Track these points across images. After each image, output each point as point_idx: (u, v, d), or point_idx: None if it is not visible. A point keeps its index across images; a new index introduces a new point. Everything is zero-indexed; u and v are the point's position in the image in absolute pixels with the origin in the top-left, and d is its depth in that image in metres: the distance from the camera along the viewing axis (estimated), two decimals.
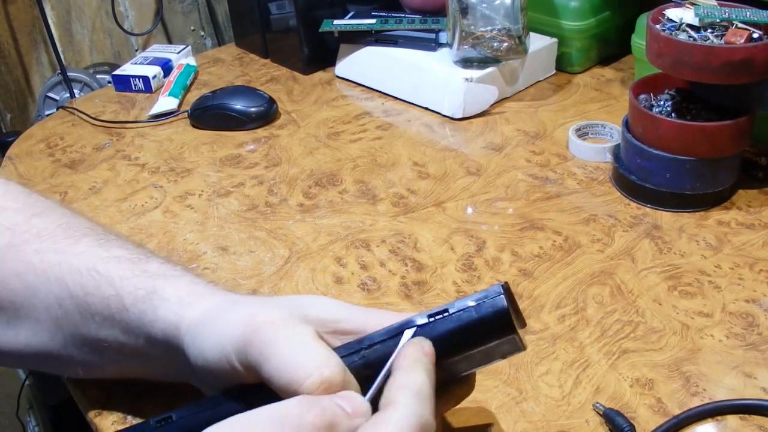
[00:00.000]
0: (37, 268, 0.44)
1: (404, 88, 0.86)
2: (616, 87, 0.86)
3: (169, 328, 0.40)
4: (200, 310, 0.40)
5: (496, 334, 0.38)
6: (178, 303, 0.41)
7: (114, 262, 0.44)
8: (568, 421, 0.46)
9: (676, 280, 0.57)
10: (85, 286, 0.43)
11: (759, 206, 0.65)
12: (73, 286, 0.43)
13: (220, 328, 0.38)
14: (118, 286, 0.42)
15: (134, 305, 0.42)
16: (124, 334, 0.42)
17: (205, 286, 0.43)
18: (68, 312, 0.43)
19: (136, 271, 0.43)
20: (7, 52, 1.07)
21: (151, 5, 1.18)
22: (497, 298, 0.37)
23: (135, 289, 0.42)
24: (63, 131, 0.85)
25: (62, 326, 0.43)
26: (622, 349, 0.51)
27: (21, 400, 1.24)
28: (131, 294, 0.42)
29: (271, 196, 0.70)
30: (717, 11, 0.62)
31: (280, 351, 0.35)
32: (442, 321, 0.38)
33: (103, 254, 0.44)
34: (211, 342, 0.38)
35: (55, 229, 0.46)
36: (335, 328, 0.39)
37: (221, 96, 0.84)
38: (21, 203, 0.48)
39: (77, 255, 0.44)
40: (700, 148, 0.62)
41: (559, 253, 0.60)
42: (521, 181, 0.70)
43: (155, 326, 0.41)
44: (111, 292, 0.42)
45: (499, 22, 0.80)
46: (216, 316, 0.39)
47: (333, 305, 0.40)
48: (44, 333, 0.44)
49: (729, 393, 0.47)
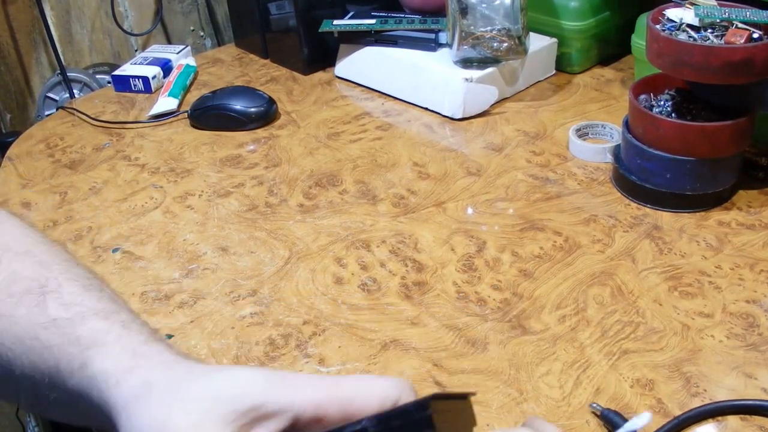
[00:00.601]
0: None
1: (404, 89, 0.86)
2: (616, 87, 0.86)
3: (104, 407, 0.39)
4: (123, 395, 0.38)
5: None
6: (105, 382, 0.39)
7: (52, 328, 0.42)
8: (569, 421, 0.46)
9: (677, 281, 0.57)
10: (30, 355, 0.42)
11: (759, 206, 0.65)
12: (21, 356, 0.42)
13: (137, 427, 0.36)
14: (56, 355, 0.41)
15: (72, 376, 0.40)
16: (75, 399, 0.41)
17: (133, 355, 0.41)
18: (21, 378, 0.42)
19: (71, 337, 0.41)
20: (6, 52, 1.07)
21: (150, 5, 1.18)
22: (422, 414, 0.32)
23: (71, 360, 0.41)
24: (63, 131, 0.85)
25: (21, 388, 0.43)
26: (623, 350, 0.51)
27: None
28: (69, 364, 0.41)
29: (271, 197, 0.70)
30: (717, 11, 0.62)
31: None
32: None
33: (42, 319, 0.43)
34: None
35: (1, 283, 0.44)
36: (257, 414, 0.36)
37: (221, 96, 0.84)
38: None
39: (17, 320, 0.43)
40: (701, 148, 0.62)
41: (559, 253, 0.60)
42: (521, 181, 0.70)
43: (93, 402, 0.40)
44: (52, 362, 0.41)
45: (499, 22, 0.80)
46: (136, 413, 0.37)
47: (252, 386, 0.37)
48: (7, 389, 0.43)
49: (729, 393, 0.47)
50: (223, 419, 0.35)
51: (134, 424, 0.37)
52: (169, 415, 0.36)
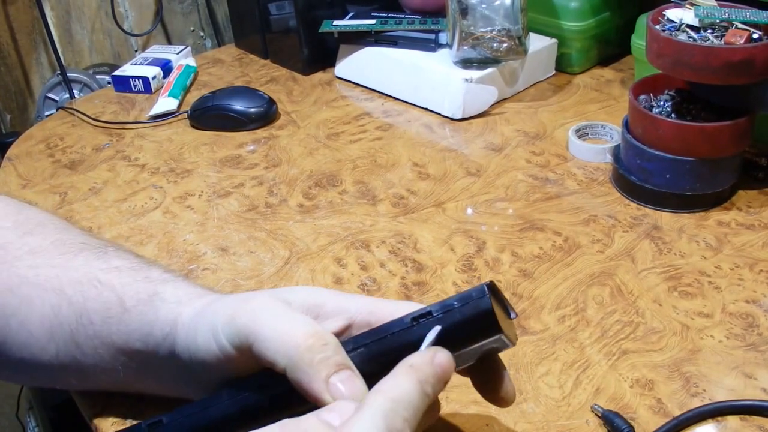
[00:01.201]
0: (32, 281, 0.44)
1: (404, 89, 0.86)
2: (615, 87, 0.86)
3: (168, 327, 0.41)
4: (194, 307, 0.41)
5: (481, 335, 0.37)
6: (176, 303, 0.42)
7: (115, 272, 0.44)
8: (569, 421, 0.46)
9: (676, 281, 0.57)
10: (86, 294, 0.43)
11: (759, 207, 0.65)
12: (73, 295, 0.43)
13: (210, 316, 0.39)
14: (119, 291, 0.43)
15: (135, 307, 0.42)
16: (123, 338, 0.42)
17: (203, 288, 0.44)
18: (64, 320, 0.43)
19: (138, 277, 0.44)
20: (6, 52, 1.07)
21: (150, 6, 1.18)
22: (481, 299, 0.37)
23: (137, 293, 0.43)
24: (63, 132, 0.85)
25: (56, 336, 0.43)
26: (622, 350, 0.51)
27: (21, 401, 1.24)
28: (133, 297, 0.42)
29: (271, 197, 0.70)
30: (717, 12, 0.62)
31: (268, 321, 0.36)
32: (426, 324, 0.37)
33: (103, 266, 0.44)
34: (202, 329, 0.39)
35: (49, 246, 0.46)
36: (318, 312, 0.40)
37: (221, 97, 0.84)
38: (11, 221, 0.47)
39: (76, 268, 0.44)
40: (700, 148, 0.62)
41: (559, 253, 0.60)
42: (521, 181, 0.70)
43: (155, 327, 0.41)
44: (112, 297, 0.43)
45: (499, 22, 0.80)
46: (207, 308, 0.40)
47: (314, 290, 0.41)
48: (36, 345, 0.44)
49: (729, 394, 0.47)
50: (289, 303, 0.39)
51: (201, 318, 0.39)
52: (244, 296, 0.39)
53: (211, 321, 0.39)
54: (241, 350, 0.37)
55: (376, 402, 0.32)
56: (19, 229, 0.47)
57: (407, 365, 0.35)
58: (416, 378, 0.34)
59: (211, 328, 0.38)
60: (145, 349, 0.42)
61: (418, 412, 0.33)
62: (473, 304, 0.37)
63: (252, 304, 0.38)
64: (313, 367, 0.34)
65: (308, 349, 0.35)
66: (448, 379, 0.36)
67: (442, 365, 0.35)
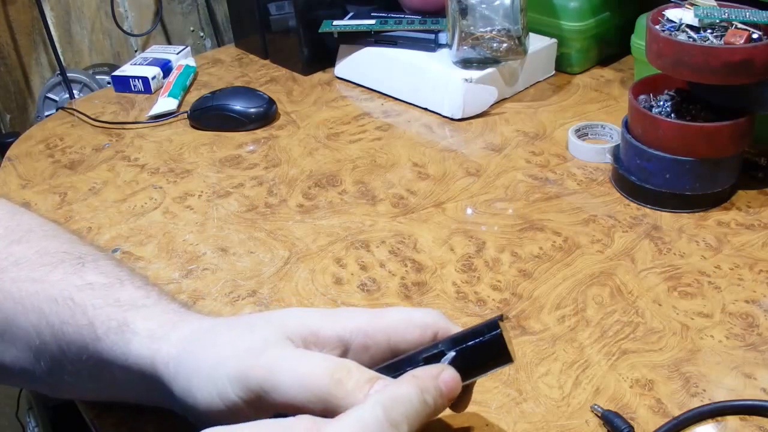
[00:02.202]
0: (15, 297, 0.44)
1: (404, 89, 0.86)
2: (615, 87, 0.86)
3: (144, 363, 0.40)
4: (175, 344, 0.40)
5: (492, 366, 0.39)
6: (149, 337, 0.40)
7: (88, 290, 0.43)
8: (568, 421, 0.46)
9: (676, 281, 0.57)
10: (61, 315, 0.42)
11: (759, 207, 0.65)
12: (50, 315, 0.43)
13: (207, 367, 0.38)
14: (91, 315, 0.42)
15: (107, 336, 0.41)
16: (99, 365, 0.42)
17: (176, 313, 0.42)
18: (45, 342, 0.43)
19: (109, 299, 0.42)
20: (6, 53, 1.07)
21: (150, 6, 1.18)
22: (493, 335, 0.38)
23: (107, 319, 0.41)
24: (62, 132, 0.85)
25: (42, 356, 0.43)
26: (622, 350, 0.51)
27: (21, 401, 1.24)
28: (104, 324, 0.41)
29: (271, 197, 0.70)
30: (716, 12, 0.62)
31: (286, 369, 0.36)
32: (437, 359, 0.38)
33: (78, 282, 0.44)
34: (199, 381, 0.38)
35: (32, 256, 0.45)
36: (314, 341, 0.39)
37: (221, 97, 0.84)
38: (3, 228, 0.47)
39: (53, 283, 0.44)
40: (700, 148, 0.62)
41: (558, 253, 0.60)
42: (521, 181, 0.70)
43: (129, 359, 0.40)
44: (84, 321, 0.42)
45: (499, 22, 0.80)
46: (196, 351, 0.39)
47: (306, 316, 0.40)
48: (27, 360, 0.44)
49: (729, 394, 0.47)
50: (289, 338, 0.38)
51: (192, 363, 0.38)
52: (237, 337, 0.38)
53: (212, 376, 0.37)
54: (251, 403, 0.36)
55: (377, 396, 0.34)
56: (8, 238, 0.46)
57: (411, 375, 0.36)
58: (417, 385, 0.35)
59: (213, 384, 0.37)
60: (126, 378, 0.41)
61: (417, 415, 0.34)
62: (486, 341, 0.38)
63: (261, 360, 0.37)
64: (350, 395, 0.34)
65: (337, 383, 0.35)
66: (453, 397, 0.37)
67: (446, 382, 0.36)
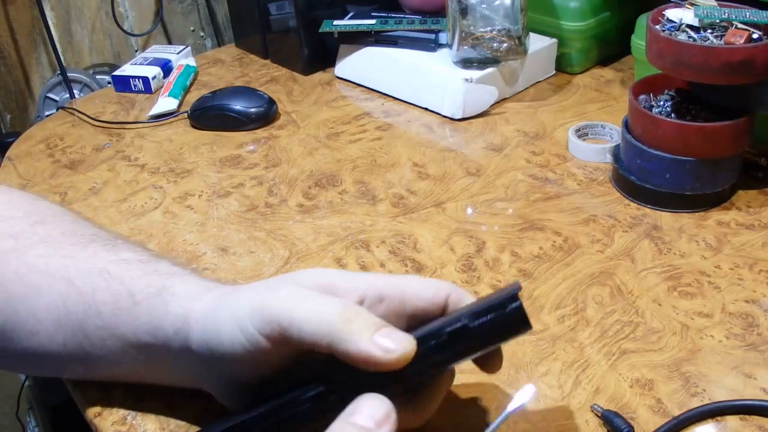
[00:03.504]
0: (41, 269, 0.44)
1: (404, 89, 0.86)
2: (615, 87, 0.86)
3: (179, 322, 0.41)
4: (206, 302, 0.41)
5: (514, 334, 0.39)
6: (186, 298, 0.42)
7: (124, 264, 0.44)
8: (568, 421, 0.46)
9: (676, 281, 0.57)
10: (95, 285, 0.43)
11: (759, 206, 0.65)
12: (82, 285, 0.43)
13: (232, 308, 0.39)
14: (129, 284, 0.43)
15: (145, 301, 0.42)
16: (132, 331, 0.42)
17: (212, 282, 0.44)
18: (72, 310, 0.43)
19: (147, 270, 0.44)
20: (6, 52, 1.07)
21: (150, 6, 1.18)
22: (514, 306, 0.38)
23: (146, 286, 0.43)
24: (63, 132, 0.85)
25: (63, 325, 0.43)
26: (622, 350, 0.51)
27: (21, 401, 1.24)
28: (142, 290, 0.43)
29: (271, 197, 0.70)
30: (717, 12, 0.62)
31: (299, 306, 0.37)
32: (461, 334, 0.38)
33: (112, 257, 0.45)
34: (224, 322, 0.39)
35: (59, 236, 0.46)
36: (331, 291, 0.40)
37: (221, 96, 0.84)
38: (24, 212, 0.48)
39: (85, 259, 0.45)
40: (700, 148, 0.62)
41: (558, 253, 0.60)
42: (521, 181, 0.70)
43: (165, 321, 0.42)
44: (122, 289, 0.43)
45: (499, 22, 0.80)
46: (225, 301, 0.41)
47: (323, 272, 0.42)
48: (43, 333, 0.44)
49: (729, 393, 0.47)
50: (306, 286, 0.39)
51: (220, 310, 0.40)
52: (262, 285, 0.40)
53: (235, 313, 0.39)
54: (271, 338, 0.38)
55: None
56: (30, 219, 0.47)
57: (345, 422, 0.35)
58: None
59: (236, 320, 0.38)
60: (155, 342, 0.42)
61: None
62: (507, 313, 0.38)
63: (280, 293, 0.39)
64: (355, 333, 0.36)
65: (346, 320, 0.36)
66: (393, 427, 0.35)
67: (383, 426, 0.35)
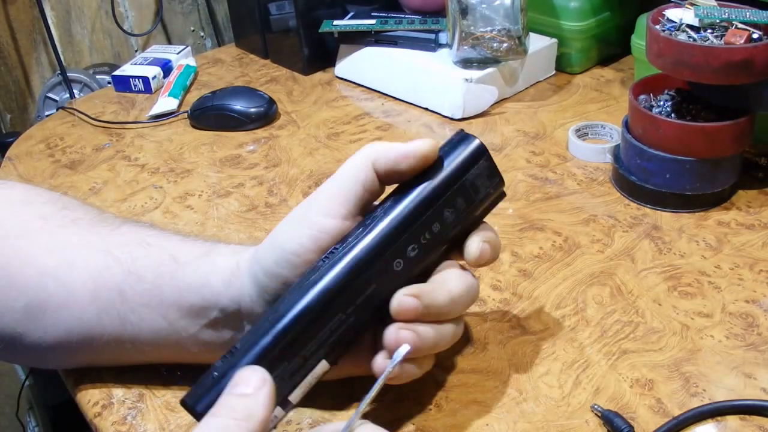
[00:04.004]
0: (75, 244, 0.44)
1: (404, 89, 0.86)
2: (616, 87, 0.86)
3: (227, 273, 0.42)
4: (251, 250, 0.43)
5: (473, 165, 0.44)
6: (232, 253, 0.44)
7: (163, 237, 0.45)
8: (568, 421, 0.46)
9: (676, 281, 0.57)
10: (134, 254, 0.44)
11: (759, 206, 0.65)
12: (121, 255, 0.44)
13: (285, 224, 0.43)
14: (171, 250, 0.44)
15: (190, 263, 0.43)
16: (176, 293, 0.43)
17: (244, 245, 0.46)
18: (111, 278, 0.43)
19: (187, 240, 0.45)
20: (6, 52, 1.07)
21: (150, 6, 1.18)
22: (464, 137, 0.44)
23: (190, 250, 0.44)
24: (63, 132, 0.85)
25: (100, 295, 0.43)
26: (622, 350, 0.51)
27: (21, 401, 1.24)
28: (187, 254, 0.44)
29: (271, 197, 0.70)
30: (717, 12, 0.62)
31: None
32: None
33: (150, 232, 0.45)
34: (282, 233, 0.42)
35: (89, 219, 0.46)
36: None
37: (221, 96, 0.84)
38: (47, 198, 0.48)
39: (122, 234, 0.45)
40: (700, 148, 0.62)
41: (558, 253, 0.60)
42: (521, 181, 0.70)
43: (212, 278, 0.42)
44: (164, 255, 0.43)
45: (499, 22, 0.80)
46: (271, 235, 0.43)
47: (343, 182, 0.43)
48: (74, 306, 0.43)
49: (729, 393, 0.47)
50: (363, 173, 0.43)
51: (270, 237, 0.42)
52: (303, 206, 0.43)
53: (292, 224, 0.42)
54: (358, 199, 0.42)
55: None
56: (57, 204, 0.47)
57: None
58: None
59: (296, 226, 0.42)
60: (200, 302, 0.42)
61: None
62: (457, 140, 0.44)
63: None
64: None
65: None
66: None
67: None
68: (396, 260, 0.42)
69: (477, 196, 0.44)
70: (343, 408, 0.47)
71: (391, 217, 0.42)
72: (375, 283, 0.41)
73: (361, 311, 0.41)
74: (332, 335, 0.41)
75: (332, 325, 0.40)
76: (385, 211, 0.42)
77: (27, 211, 0.46)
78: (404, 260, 0.42)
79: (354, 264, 0.41)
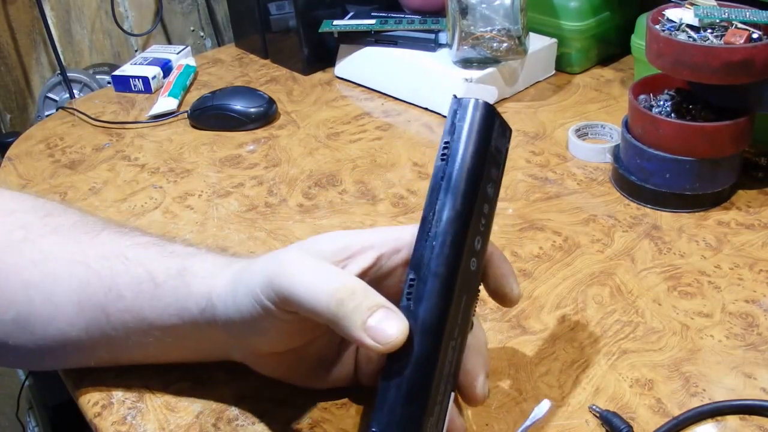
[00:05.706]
0: (57, 256, 0.44)
1: (404, 89, 0.86)
2: (615, 87, 0.86)
3: (203, 301, 0.41)
4: (226, 277, 0.42)
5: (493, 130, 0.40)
6: (207, 276, 0.42)
7: (141, 248, 0.44)
8: (568, 421, 0.46)
9: (676, 281, 0.57)
10: (113, 269, 0.43)
11: (759, 206, 0.65)
12: (101, 269, 0.43)
13: (245, 279, 0.40)
14: (148, 266, 0.43)
15: (166, 282, 0.42)
16: (156, 313, 0.42)
17: (230, 257, 0.45)
18: (93, 293, 0.43)
19: (164, 253, 0.44)
20: (6, 52, 1.07)
21: (150, 6, 1.18)
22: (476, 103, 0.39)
23: (166, 268, 0.43)
24: (63, 132, 0.85)
25: (85, 309, 0.43)
26: (622, 350, 0.51)
27: (21, 401, 1.24)
28: (163, 272, 0.43)
29: (271, 197, 0.70)
30: (717, 11, 0.62)
31: (299, 279, 0.37)
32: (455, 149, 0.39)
33: (127, 242, 0.45)
34: (241, 294, 0.39)
35: (70, 227, 0.46)
36: (347, 254, 0.40)
37: (221, 96, 0.84)
38: (29, 206, 0.48)
39: (101, 244, 0.45)
40: (700, 148, 0.62)
41: (558, 253, 0.60)
42: (521, 181, 0.70)
43: (189, 302, 0.42)
44: (141, 271, 0.43)
45: (499, 22, 0.80)
46: (240, 274, 0.41)
47: (337, 235, 0.42)
48: (63, 320, 0.43)
49: (729, 393, 0.47)
50: (321, 256, 0.39)
51: (237, 283, 0.40)
52: (275, 255, 0.40)
53: (249, 285, 0.39)
54: (280, 306, 0.38)
55: None
56: (38, 212, 0.47)
57: None
58: None
59: (251, 292, 0.39)
60: (180, 323, 0.42)
61: None
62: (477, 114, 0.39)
63: (283, 264, 0.38)
64: (348, 318, 0.36)
65: (339, 303, 0.36)
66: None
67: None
68: (471, 260, 0.39)
69: (501, 157, 0.41)
70: (343, 407, 0.47)
71: (451, 220, 0.38)
72: (465, 295, 0.38)
73: (462, 328, 0.39)
74: (451, 366, 0.38)
75: (449, 358, 0.38)
76: (442, 220, 0.38)
77: (10, 222, 0.46)
78: (476, 257, 0.39)
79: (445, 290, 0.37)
